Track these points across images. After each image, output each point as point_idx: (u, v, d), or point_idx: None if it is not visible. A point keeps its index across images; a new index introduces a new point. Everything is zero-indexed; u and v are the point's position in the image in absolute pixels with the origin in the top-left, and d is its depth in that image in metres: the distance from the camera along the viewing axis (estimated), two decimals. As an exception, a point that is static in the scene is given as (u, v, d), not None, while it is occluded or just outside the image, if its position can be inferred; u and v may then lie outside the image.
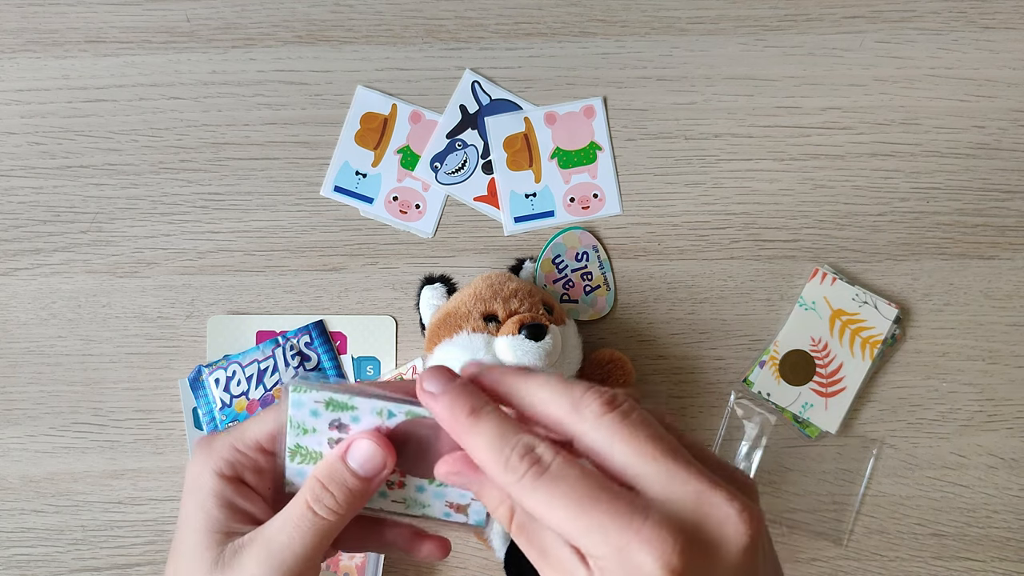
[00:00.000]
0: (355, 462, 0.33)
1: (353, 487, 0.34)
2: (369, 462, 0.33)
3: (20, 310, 0.61)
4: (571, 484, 0.28)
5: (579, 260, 0.61)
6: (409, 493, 0.36)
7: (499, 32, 0.62)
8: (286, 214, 0.62)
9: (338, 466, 0.33)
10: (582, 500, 0.27)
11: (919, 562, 0.61)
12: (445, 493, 0.36)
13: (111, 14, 0.62)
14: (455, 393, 0.31)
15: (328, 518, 0.34)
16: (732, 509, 0.27)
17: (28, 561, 0.61)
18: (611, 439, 0.28)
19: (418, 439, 0.34)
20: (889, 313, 0.60)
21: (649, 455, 0.28)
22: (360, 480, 0.33)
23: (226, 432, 0.36)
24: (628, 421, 0.28)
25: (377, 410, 0.34)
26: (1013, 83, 0.62)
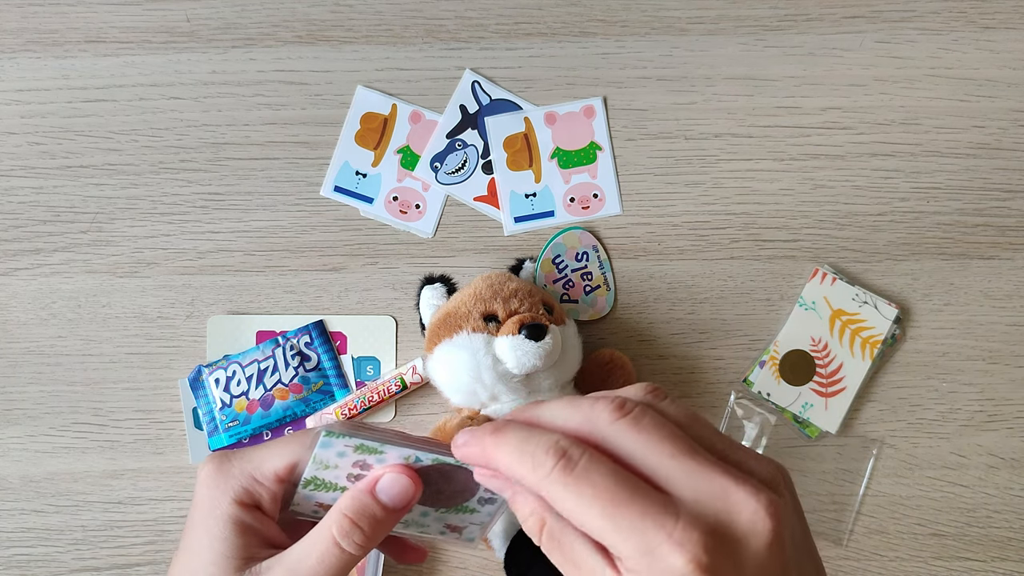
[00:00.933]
0: (386, 496, 0.34)
1: (382, 519, 0.34)
2: (400, 496, 0.34)
3: (20, 310, 0.61)
4: (602, 481, 0.28)
5: (579, 260, 0.61)
6: (413, 516, 0.37)
7: (499, 32, 0.62)
8: (286, 214, 0.62)
9: (367, 500, 0.34)
10: (613, 498, 0.27)
11: (919, 562, 0.61)
12: (446, 518, 0.37)
13: (111, 14, 0.62)
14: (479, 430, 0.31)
15: (355, 553, 0.34)
16: (757, 504, 0.27)
17: (28, 561, 0.61)
18: (629, 443, 0.28)
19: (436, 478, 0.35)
20: (889, 313, 0.60)
21: (668, 454, 0.28)
22: (389, 513, 0.34)
23: (242, 458, 0.36)
24: (641, 425, 0.29)
25: (405, 456, 0.34)
26: (1013, 83, 0.62)
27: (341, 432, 0.33)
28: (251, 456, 0.36)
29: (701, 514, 0.27)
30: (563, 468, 0.28)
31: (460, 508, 0.36)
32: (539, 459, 0.28)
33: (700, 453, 0.28)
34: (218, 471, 0.36)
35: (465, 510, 0.36)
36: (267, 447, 0.36)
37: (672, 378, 0.62)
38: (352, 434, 0.34)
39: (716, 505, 0.27)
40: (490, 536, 0.56)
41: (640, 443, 0.28)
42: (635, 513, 0.27)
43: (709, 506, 0.27)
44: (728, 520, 0.27)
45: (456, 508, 0.36)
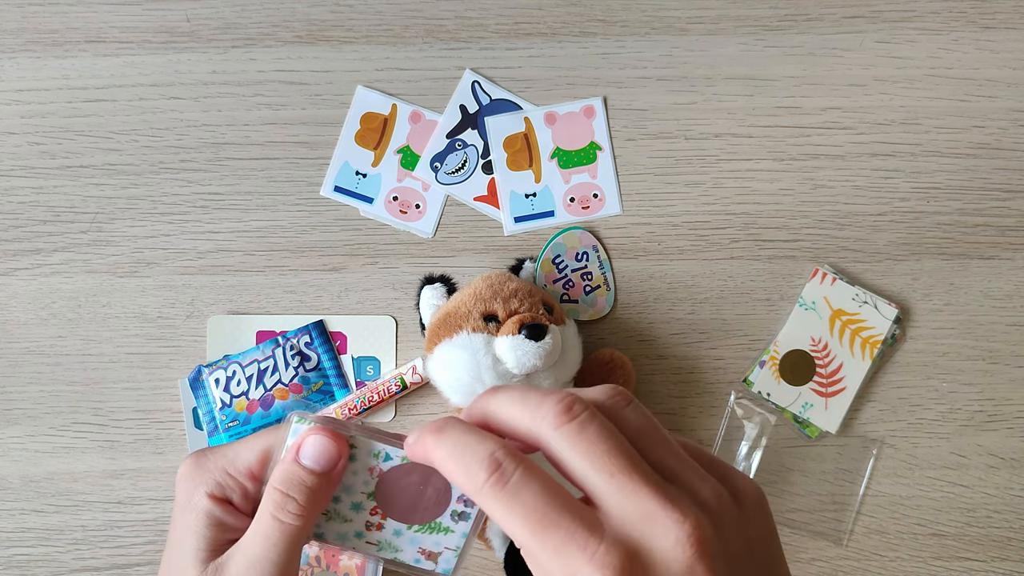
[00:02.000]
0: (309, 460, 0.33)
1: (313, 485, 0.33)
2: (324, 456, 0.33)
3: (20, 310, 0.61)
4: (531, 499, 0.27)
5: (579, 260, 0.61)
6: (386, 536, 0.36)
7: (499, 32, 0.62)
8: (286, 214, 0.62)
9: (293, 468, 0.33)
10: (541, 518, 0.27)
11: (919, 562, 0.61)
12: (419, 540, 0.36)
13: (111, 14, 0.62)
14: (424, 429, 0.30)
15: (294, 523, 0.34)
16: (680, 531, 0.26)
17: (28, 561, 0.61)
18: (567, 452, 0.28)
19: (407, 485, 0.35)
20: (889, 313, 0.60)
21: (605, 470, 0.27)
22: (318, 476, 0.33)
23: (217, 453, 0.37)
24: (584, 434, 0.28)
25: (376, 452, 0.34)
26: (1013, 83, 0.62)
27: (311, 419, 0.33)
28: (226, 451, 0.37)
29: (625, 537, 0.27)
30: (495, 483, 0.27)
31: (433, 526, 0.36)
32: (473, 469, 0.28)
33: (638, 471, 0.27)
34: (194, 466, 0.36)
35: (439, 529, 0.36)
36: (242, 442, 0.37)
37: (672, 378, 0.62)
38: (321, 422, 0.33)
39: (642, 528, 0.27)
40: (490, 536, 0.56)
41: (578, 454, 0.28)
42: (561, 535, 0.26)
43: (635, 528, 0.27)
44: (649, 545, 0.26)
45: (429, 526, 0.36)
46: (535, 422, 0.29)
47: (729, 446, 0.61)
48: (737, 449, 0.60)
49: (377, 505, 0.35)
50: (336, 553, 0.59)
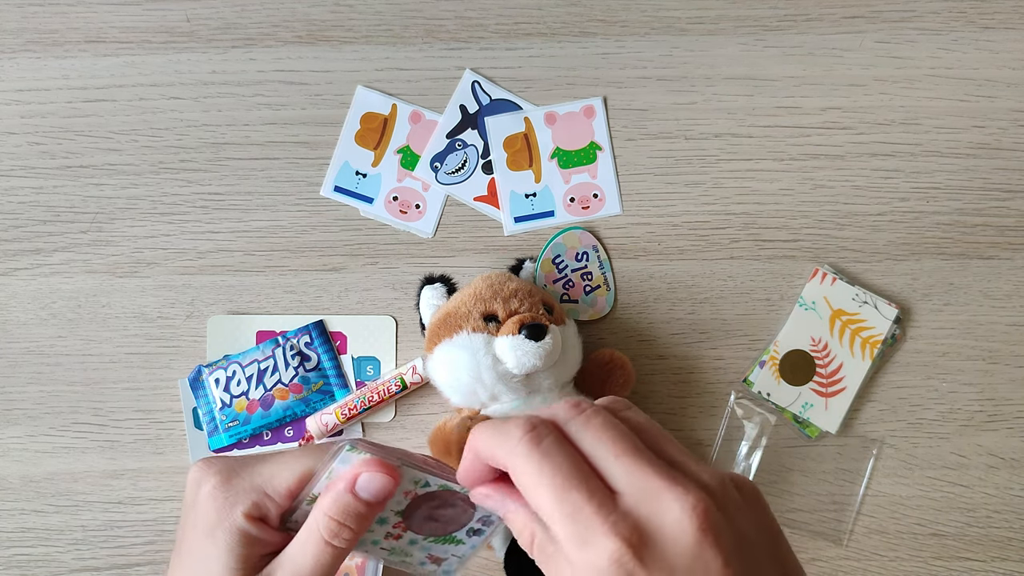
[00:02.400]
0: (366, 493, 0.35)
1: (365, 514, 0.35)
2: (380, 490, 0.35)
3: (20, 310, 0.61)
4: (561, 461, 0.29)
5: (579, 260, 0.61)
6: (401, 544, 0.38)
7: (499, 32, 0.62)
8: (286, 214, 0.62)
9: (348, 499, 0.35)
10: (566, 480, 0.29)
11: (919, 562, 0.61)
12: (431, 548, 0.38)
13: (111, 14, 0.62)
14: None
15: (343, 546, 0.35)
16: (684, 503, 0.28)
17: (28, 561, 0.61)
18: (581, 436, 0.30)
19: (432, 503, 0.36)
20: (889, 313, 0.60)
21: (613, 453, 0.29)
22: (372, 507, 0.35)
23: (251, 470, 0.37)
24: (591, 423, 0.30)
25: (415, 479, 0.35)
26: (1013, 83, 0.62)
27: (363, 449, 0.34)
28: (260, 470, 0.37)
29: (635, 510, 0.28)
30: (530, 440, 0.30)
31: (448, 539, 0.37)
32: (511, 432, 0.30)
33: (643, 454, 0.30)
34: (227, 484, 0.37)
35: (452, 540, 0.37)
36: (276, 461, 0.37)
37: (672, 378, 0.62)
38: (372, 452, 0.34)
39: (650, 505, 0.28)
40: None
41: (590, 438, 0.30)
42: (581, 498, 0.28)
43: (644, 504, 0.29)
44: (659, 521, 0.28)
45: (444, 539, 0.37)
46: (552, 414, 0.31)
47: (729, 446, 0.61)
48: (737, 449, 0.60)
49: (402, 521, 0.36)
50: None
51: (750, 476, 0.60)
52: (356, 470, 0.34)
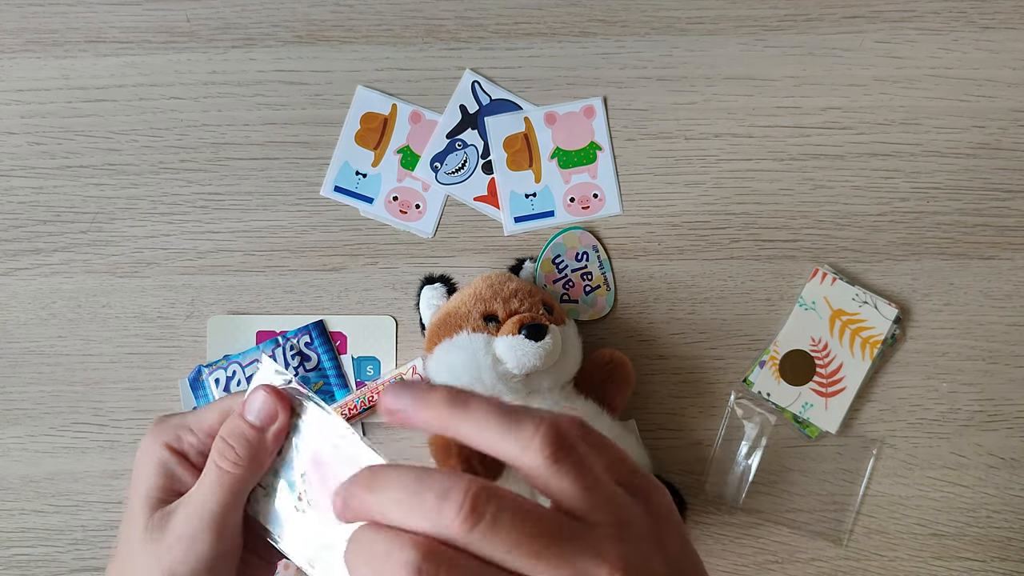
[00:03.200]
0: (253, 415, 0.36)
1: (251, 438, 0.36)
2: (263, 411, 0.36)
3: (20, 310, 0.61)
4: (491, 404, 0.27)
5: (579, 260, 0.61)
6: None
7: (499, 32, 0.62)
8: (286, 214, 0.62)
9: (236, 421, 0.37)
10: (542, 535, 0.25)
11: (919, 562, 0.61)
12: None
13: (111, 14, 0.62)
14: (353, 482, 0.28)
15: (233, 471, 0.36)
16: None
17: (28, 561, 0.61)
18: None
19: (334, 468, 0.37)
20: (889, 313, 0.60)
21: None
22: (256, 430, 0.36)
23: (184, 413, 0.40)
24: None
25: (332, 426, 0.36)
26: (1013, 83, 0.62)
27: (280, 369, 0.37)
28: (192, 412, 0.40)
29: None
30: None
31: None
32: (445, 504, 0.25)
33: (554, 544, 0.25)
34: (159, 422, 0.39)
35: None
36: (208, 404, 0.40)
37: (672, 378, 0.62)
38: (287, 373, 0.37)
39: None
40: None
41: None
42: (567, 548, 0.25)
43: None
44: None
45: None
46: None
47: (729, 446, 0.61)
48: (737, 449, 0.60)
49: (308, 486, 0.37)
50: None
51: (750, 476, 0.60)
52: (246, 397, 0.37)
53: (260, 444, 0.36)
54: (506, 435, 0.26)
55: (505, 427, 0.27)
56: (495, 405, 0.27)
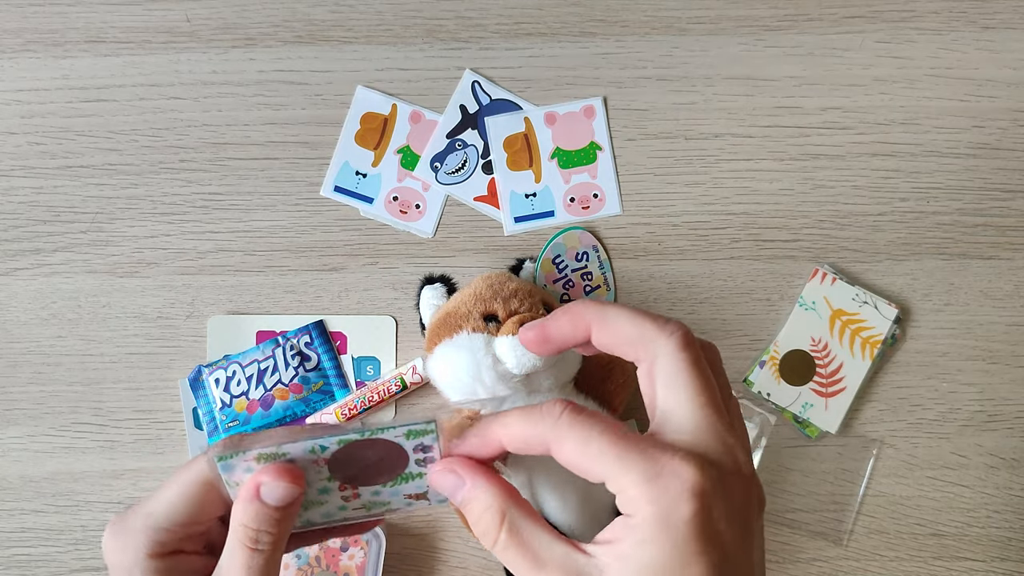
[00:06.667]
0: (272, 500, 0.35)
1: (280, 518, 0.35)
2: (284, 496, 0.35)
3: (20, 310, 0.61)
4: (607, 424, 0.30)
5: (579, 260, 0.61)
6: (367, 499, 0.37)
7: (499, 32, 0.62)
8: (286, 214, 0.62)
9: (258, 507, 0.35)
10: (621, 432, 0.30)
11: (919, 562, 0.61)
12: (400, 490, 0.37)
13: (111, 14, 0.62)
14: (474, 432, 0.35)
15: (268, 549, 0.35)
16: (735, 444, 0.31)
17: (28, 561, 0.61)
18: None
19: (357, 457, 0.35)
20: (889, 313, 0.60)
21: (697, 403, 0.31)
22: (282, 511, 0.35)
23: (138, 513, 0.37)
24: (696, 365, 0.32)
25: (309, 448, 0.35)
26: (1013, 83, 0.62)
27: (233, 452, 0.34)
28: (148, 508, 0.37)
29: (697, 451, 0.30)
30: (573, 411, 0.31)
31: (404, 477, 0.36)
32: (547, 410, 0.31)
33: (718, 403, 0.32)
34: (120, 531, 0.37)
35: (410, 477, 0.37)
36: (159, 496, 0.37)
37: (672, 378, 0.61)
38: (245, 449, 0.34)
39: (717, 448, 0.31)
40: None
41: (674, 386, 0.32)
42: (641, 443, 0.29)
43: (710, 447, 0.31)
44: (718, 455, 0.31)
45: (401, 478, 0.36)
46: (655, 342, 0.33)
47: (729, 446, 0.61)
48: (737, 449, 0.60)
49: (342, 483, 0.36)
50: (330, 536, 0.59)
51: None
52: (255, 480, 0.35)
53: (288, 518, 0.36)
54: (647, 319, 0.33)
55: (646, 315, 0.33)
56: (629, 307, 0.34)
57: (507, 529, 0.31)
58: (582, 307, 0.34)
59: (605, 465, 0.29)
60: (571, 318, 0.34)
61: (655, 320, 0.33)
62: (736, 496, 0.30)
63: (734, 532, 0.29)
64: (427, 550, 0.61)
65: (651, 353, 0.32)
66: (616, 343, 0.33)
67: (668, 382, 0.32)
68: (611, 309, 0.34)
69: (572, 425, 0.30)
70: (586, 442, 0.30)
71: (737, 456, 0.31)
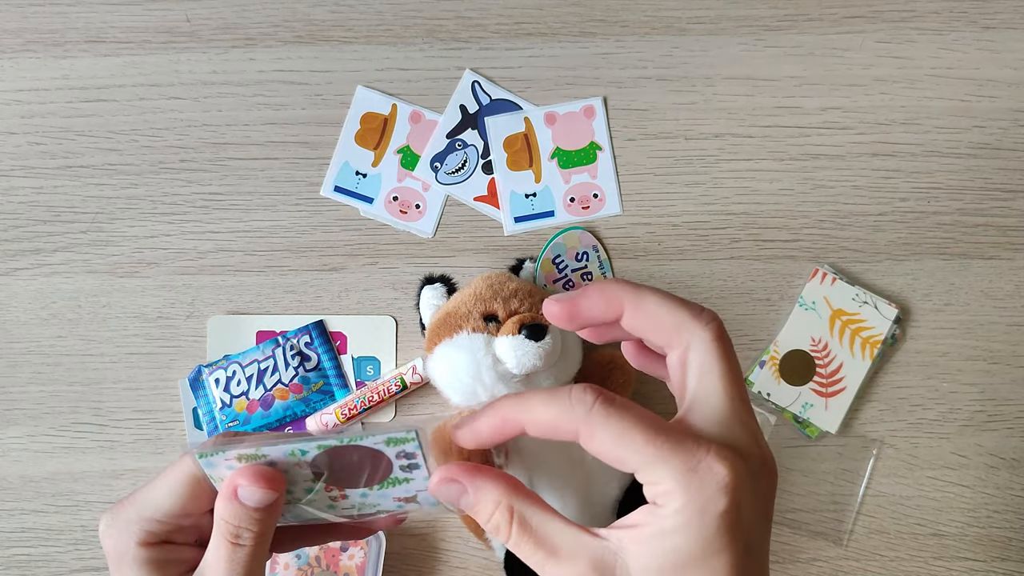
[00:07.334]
0: (251, 502, 0.35)
1: (260, 517, 0.35)
2: (260, 500, 0.35)
3: (20, 310, 0.61)
4: (640, 414, 0.30)
5: (579, 260, 0.61)
6: (355, 500, 0.37)
7: (499, 32, 0.62)
8: (286, 214, 0.62)
9: (237, 506, 0.35)
10: (655, 423, 0.30)
11: (919, 562, 0.61)
12: (388, 493, 0.37)
13: (111, 14, 0.62)
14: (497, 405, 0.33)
15: (251, 544, 0.36)
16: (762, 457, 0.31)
17: (28, 561, 0.61)
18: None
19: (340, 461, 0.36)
20: (889, 313, 0.60)
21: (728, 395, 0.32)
22: (261, 511, 0.35)
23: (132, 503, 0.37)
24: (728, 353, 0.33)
25: (289, 451, 0.35)
26: (1014, 83, 0.62)
27: (213, 450, 0.35)
28: (141, 499, 0.37)
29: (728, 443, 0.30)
30: (604, 401, 0.30)
31: (391, 481, 0.36)
32: (578, 397, 0.30)
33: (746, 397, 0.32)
34: (114, 521, 0.37)
35: (397, 481, 0.37)
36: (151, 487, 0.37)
37: (672, 378, 0.61)
38: (224, 448, 0.35)
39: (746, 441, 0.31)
40: (490, 536, 0.56)
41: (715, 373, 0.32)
42: (676, 435, 0.29)
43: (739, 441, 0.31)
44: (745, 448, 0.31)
45: (388, 482, 0.36)
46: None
47: (729, 446, 0.61)
48: (737, 449, 0.60)
49: (328, 484, 0.36)
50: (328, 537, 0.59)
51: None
52: (232, 481, 0.35)
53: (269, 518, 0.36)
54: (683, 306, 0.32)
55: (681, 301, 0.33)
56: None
57: (517, 523, 0.31)
58: (616, 287, 0.33)
59: (640, 458, 0.29)
60: (605, 297, 0.33)
61: (690, 308, 0.32)
62: (762, 488, 0.30)
63: (758, 523, 0.30)
64: (427, 550, 0.61)
65: (685, 341, 0.32)
66: (649, 327, 0.33)
67: (701, 371, 0.32)
68: (647, 293, 0.33)
69: (607, 416, 0.30)
70: (620, 434, 0.30)
71: (764, 448, 0.31)
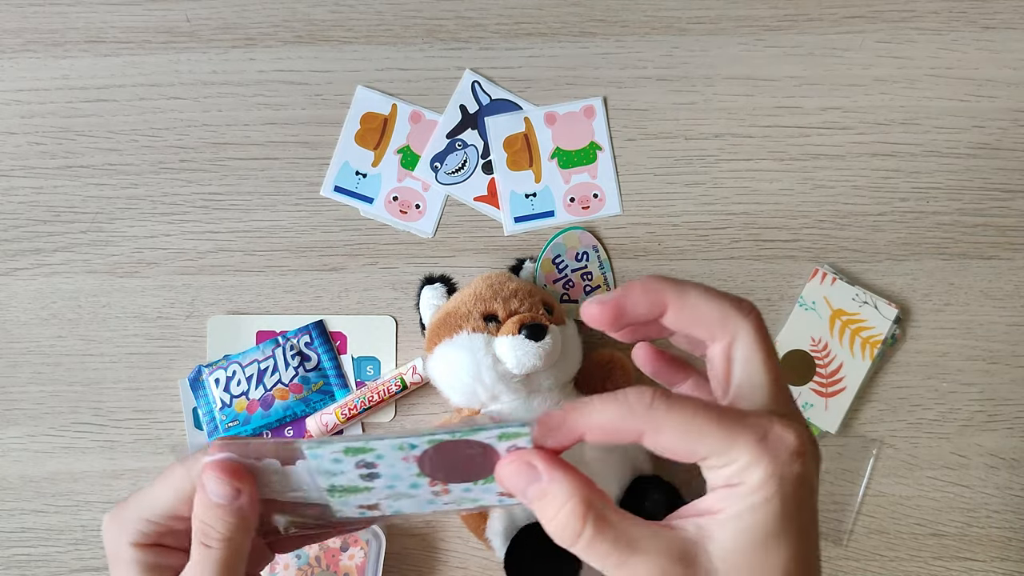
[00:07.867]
0: (215, 496, 0.35)
1: (224, 515, 0.35)
2: (223, 494, 0.34)
3: (20, 310, 0.61)
4: (700, 403, 0.30)
5: (579, 260, 0.61)
6: (456, 496, 0.37)
7: (499, 32, 0.62)
8: (286, 214, 0.62)
9: (205, 499, 0.35)
10: (716, 411, 0.30)
11: (919, 562, 0.61)
12: (492, 488, 0.37)
13: (111, 14, 0.62)
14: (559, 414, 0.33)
15: (220, 547, 0.35)
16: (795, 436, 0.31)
17: (28, 561, 0.61)
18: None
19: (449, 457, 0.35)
20: (889, 313, 0.60)
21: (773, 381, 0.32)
22: (225, 508, 0.35)
23: (134, 502, 0.37)
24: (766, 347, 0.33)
25: (398, 446, 0.35)
26: (1013, 83, 0.62)
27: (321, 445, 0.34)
28: (140, 499, 0.37)
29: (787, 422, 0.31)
30: (663, 397, 0.30)
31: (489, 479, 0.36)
32: (636, 396, 0.30)
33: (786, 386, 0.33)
34: (113, 519, 0.37)
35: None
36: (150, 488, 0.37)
37: (672, 378, 0.61)
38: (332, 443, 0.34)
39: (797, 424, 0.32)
40: (490, 536, 0.56)
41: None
42: (738, 414, 0.30)
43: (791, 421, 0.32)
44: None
45: (492, 478, 0.36)
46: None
47: (729, 446, 0.61)
48: (737, 449, 0.60)
49: (432, 480, 0.36)
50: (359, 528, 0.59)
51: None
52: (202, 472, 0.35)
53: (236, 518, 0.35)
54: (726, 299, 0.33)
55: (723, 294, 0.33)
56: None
57: (595, 520, 0.30)
58: (659, 284, 0.33)
59: (711, 441, 0.30)
60: (650, 296, 0.33)
61: (731, 300, 0.33)
62: (818, 455, 0.32)
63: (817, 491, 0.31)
64: (427, 550, 0.61)
65: (730, 333, 0.33)
66: (693, 322, 0.33)
67: (746, 362, 0.32)
68: (690, 289, 0.33)
69: (669, 410, 0.30)
70: (686, 424, 0.30)
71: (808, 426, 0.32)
